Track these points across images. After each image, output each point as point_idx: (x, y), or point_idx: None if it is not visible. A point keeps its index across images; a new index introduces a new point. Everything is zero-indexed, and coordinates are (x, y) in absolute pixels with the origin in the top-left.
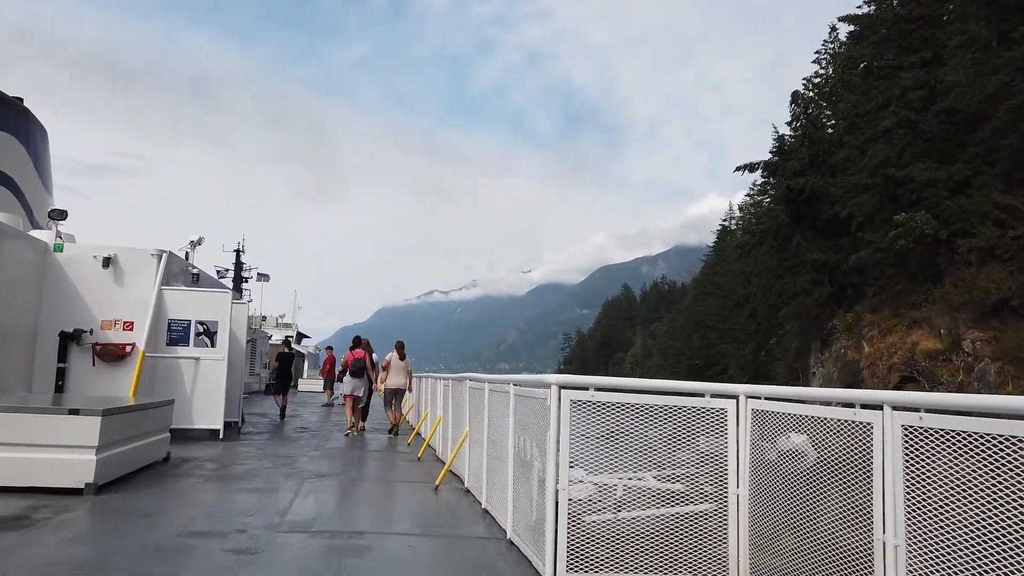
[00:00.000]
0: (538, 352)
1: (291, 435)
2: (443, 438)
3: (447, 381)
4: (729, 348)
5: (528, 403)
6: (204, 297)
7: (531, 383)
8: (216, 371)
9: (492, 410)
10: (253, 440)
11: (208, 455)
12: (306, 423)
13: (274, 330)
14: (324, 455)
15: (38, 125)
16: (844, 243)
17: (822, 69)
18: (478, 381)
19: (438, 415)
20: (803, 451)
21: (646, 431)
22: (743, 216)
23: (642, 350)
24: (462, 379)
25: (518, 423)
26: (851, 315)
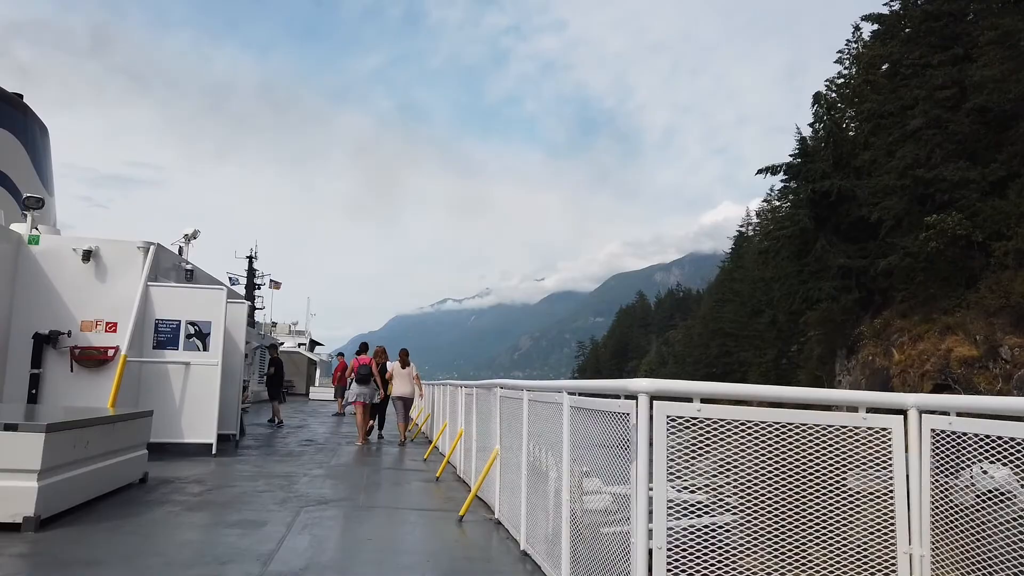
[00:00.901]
0: (552, 360)
1: (295, 449)
2: (465, 454)
3: (470, 389)
4: (748, 355)
5: (589, 419)
6: (196, 294)
7: (599, 391)
8: (209, 378)
9: (535, 426)
10: (251, 455)
11: (194, 475)
12: (313, 434)
13: (287, 337)
14: (329, 474)
15: (37, 122)
16: (871, 247)
17: (845, 69)
18: (512, 389)
19: (459, 428)
20: (1010, 491)
21: (769, 463)
22: (761, 222)
23: (657, 358)
24: (489, 387)
25: (576, 444)
26: (879, 321)
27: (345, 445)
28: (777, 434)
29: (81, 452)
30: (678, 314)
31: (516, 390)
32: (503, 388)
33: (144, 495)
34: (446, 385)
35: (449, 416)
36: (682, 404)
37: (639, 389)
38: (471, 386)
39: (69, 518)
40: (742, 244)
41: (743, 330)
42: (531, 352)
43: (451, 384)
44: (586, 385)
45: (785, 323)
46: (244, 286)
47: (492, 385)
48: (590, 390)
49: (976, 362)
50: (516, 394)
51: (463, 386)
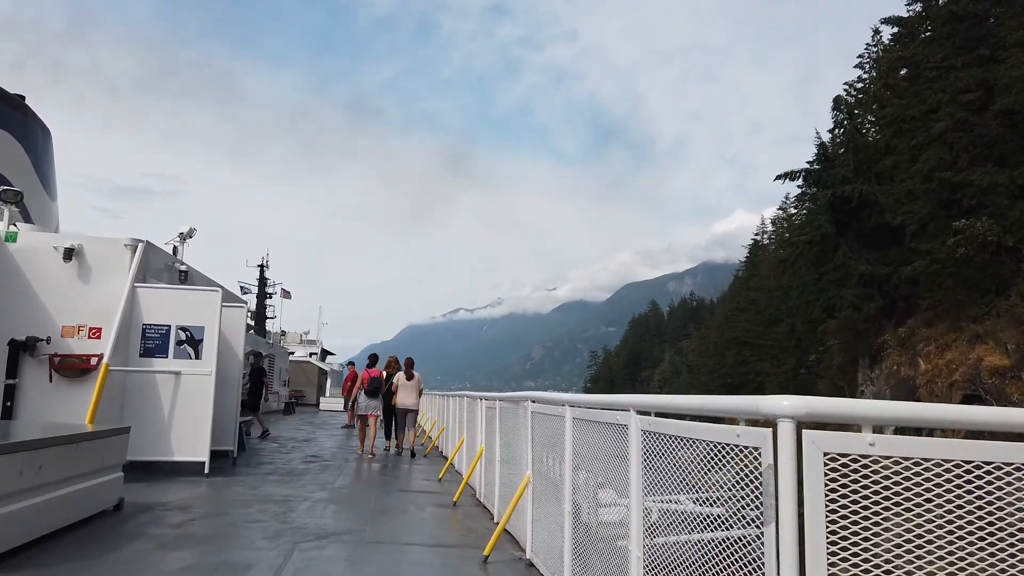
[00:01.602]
0: (564, 369)
1: (297, 467)
2: (486, 477)
3: (491, 402)
4: (765, 365)
5: (671, 448)
6: (187, 297)
7: (701, 410)
8: (202, 389)
9: (583, 450)
10: (248, 475)
11: (180, 499)
12: (320, 449)
13: (297, 347)
14: (332, 497)
15: (39, 124)
16: (893, 254)
17: (865, 73)
18: (549, 404)
19: (478, 445)
20: None
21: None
22: (776, 230)
23: (670, 367)
24: (518, 400)
25: (652, 484)
26: (904, 329)
27: (352, 462)
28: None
29: (31, 479)
30: (691, 324)
31: (554, 405)
32: (536, 402)
33: (115, 526)
34: (463, 396)
35: (467, 431)
36: (846, 436)
37: (780, 412)
38: (493, 399)
39: (15, 560)
40: (757, 252)
41: (759, 339)
42: (543, 362)
43: (468, 395)
44: (672, 404)
45: (804, 332)
46: (255, 295)
47: (522, 399)
48: (679, 409)
49: (1008, 372)
50: (555, 410)
51: (483, 398)
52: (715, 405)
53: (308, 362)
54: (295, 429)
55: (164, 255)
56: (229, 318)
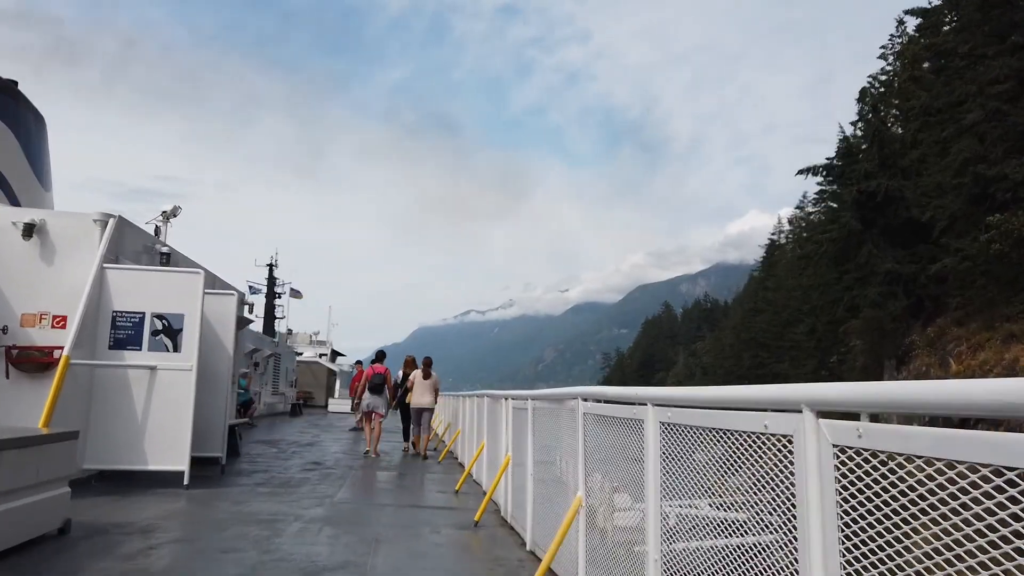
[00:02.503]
0: (576, 372)
1: (295, 475)
2: (513, 492)
3: (521, 403)
4: (784, 367)
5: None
6: (164, 280)
7: None
8: (181, 386)
9: (677, 470)
10: (236, 486)
11: (145, 519)
12: (323, 454)
13: (307, 347)
14: (329, 516)
15: (32, 111)
16: (921, 251)
17: (889, 65)
18: (616, 403)
19: (503, 453)
20: None
21: None
22: (794, 229)
23: (684, 369)
24: (561, 399)
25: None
26: (933, 329)
27: (358, 469)
28: None
29: None
30: (705, 325)
31: (625, 404)
32: (591, 401)
33: (50, 557)
34: (483, 396)
35: (488, 436)
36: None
37: None
38: (523, 398)
39: None
40: (774, 252)
41: (777, 340)
42: (555, 364)
43: (489, 395)
44: None
45: (824, 333)
46: (264, 295)
47: (567, 396)
48: None
49: None
50: (624, 411)
51: (509, 397)
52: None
53: (317, 362)
54: (299, 432)
55: (142, 234)
56: (218, 307)
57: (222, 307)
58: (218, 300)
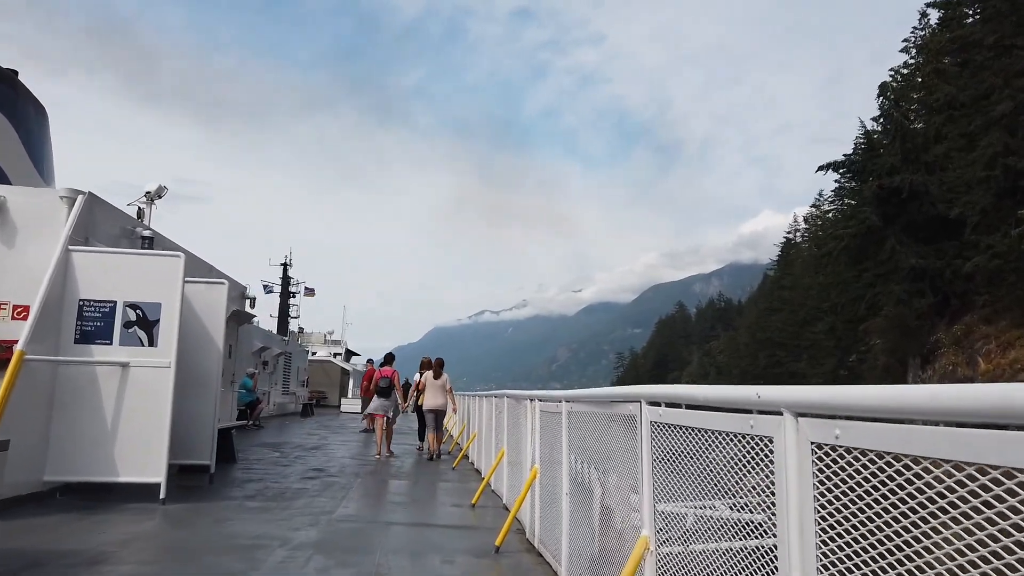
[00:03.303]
0: (589, 371)
1: (292, 485)
2: (542, 512)
3: (553, 406)
4: (802, 366)
5: None
6: (138, 264)
7: None
8: (158, 385)
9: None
10: (222, 499)
11: (99, 545)
12: (328, 459)
13: (321, 346)
14: (322, 540)
15: (32, 101)
16: (946, 247)
17: (911, 59)
18: (725, 409)
19: (529, 464)
20: None
21: None
22: (810, 227)
23: (699, 369)
24: (612, 400)
25: None
26: (959, 327)
27: (365, 477)
28: None
29: None
30: (719, 325)
31: (737, 412)
32: (660, 405)
33: None
34: (503, 396)
35: (509, 443)
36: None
37: None
38: (554, 399)
39: None
40: (790, 251)
41: (794, 339)
42: (568, 364)
43: (511, 395)
44: None
45: (844, 331)
46: (279, 294)
47: (622, 398)
48: None
49: None
50: (742, 425)
51: (535, 398)
52: None
53: (330, 362)
54: (307, 434)
55: (120, 216)
56: (205, 298)
57: (211, 297)
58: (206, 289)
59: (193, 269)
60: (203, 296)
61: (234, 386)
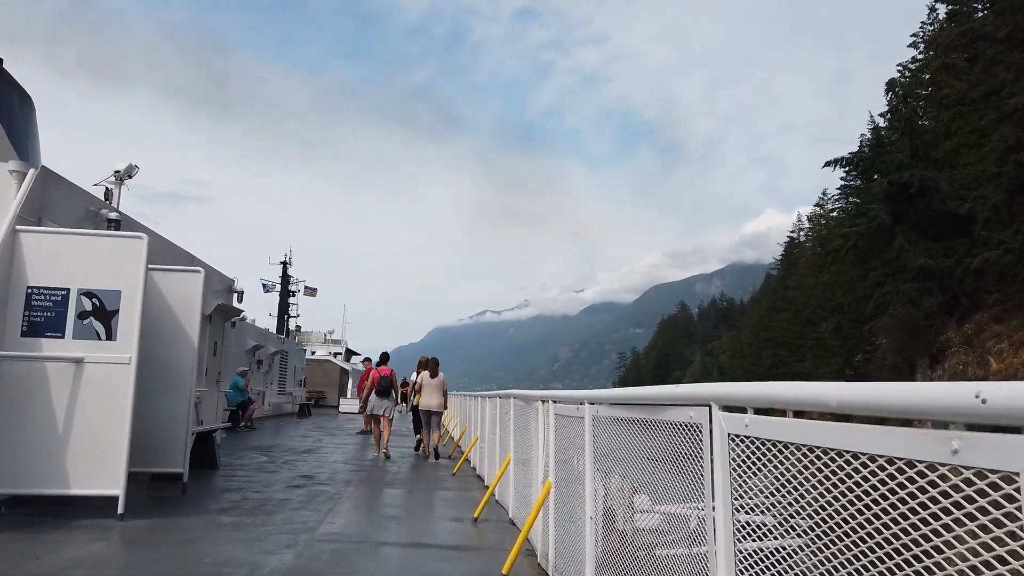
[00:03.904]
0: (591, 371)
1: (275, 495)
2: (557, 534)
3: (575, 408)
4: (806, 366)
5: None
6: (94, 247)
7: None
8: (116, 384)
9: None
10: (193, 514)
11: (28, 575)
12: (319, 465)
13: (321, 346)
14: (300, 561)
15: (17, 90)
16: (956, 244)
17: (920, 54)
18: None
19: (542, 477)
20: None
21: None
22: (814, 227)
23: (701, 368)
24: (662, 401)
25: None
26: (970, 326)
27: (356, 485)
28: None
29: None
30: (722, 324)
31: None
32: (731, 411)
33: None
34: (509, 397)
35: (516, 450)
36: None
37: None
38: (574, 400)
39: None
40: (793, 251)
41: (798, 339)
42: (570, 364)
43: (519, 396)
44: None
45: (850, 331)
46: (278, 293)
47: (675, 401)
48: None
49: None
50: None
51: (548, 399)
52: None
53: (329, 361)
54: (300, 436)
55: (82, 196)
56: (179, 287)
57: (185, 287)
58: (179, 278)
59: (165, 255)
60: (176, 285)
61: (221, 386)
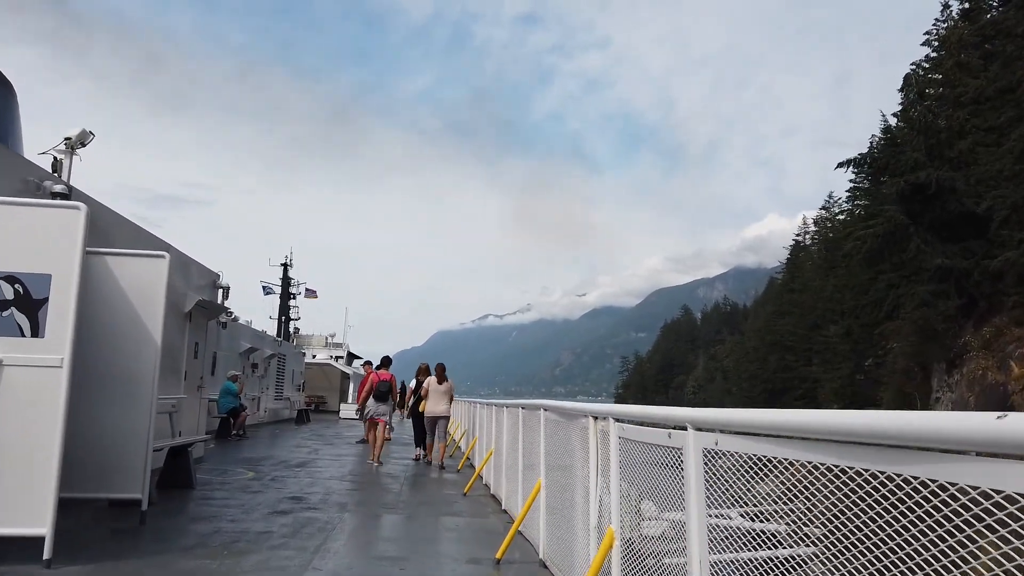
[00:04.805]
0: (593, 375)
1: (254, 524)
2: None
3: (663, 434)
4: (815, 371)
5: None
6: (16, 219)
7: None
8: (43, 392)
9: None
10: (146, 554)
11: None
12: (312, 482)
13: (321, 349)
14: None
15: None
16: (975, 245)
17: (934, 52)
18: None
19: (598, 521)
20: None
21: None
22: (820, 229)
23: (705, 373)
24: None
25: None
26: (989, 329)
27: (354, 508)
28: None
29: None
30: (725, 329)
31: None
32: None
33: None
34: (539, 409)
35: (547, 476)
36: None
37: None
38: (662, 424)
39: None
40: (799, 254)
41: (804, 343)
42: (572, 368)
43: (553, 409)
44: None
45: (860, 335)
46: (279, 295)
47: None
48: None
49: None
50: None
51: (605, 415)
52: None
53: (330, 365)
54: (295, 446)
55: (19, 163)
56: (136, 275)
57: (144, 274)
58: (138, 264)
59: (118, 235)
60: (134, 273)
61: (202, 392)
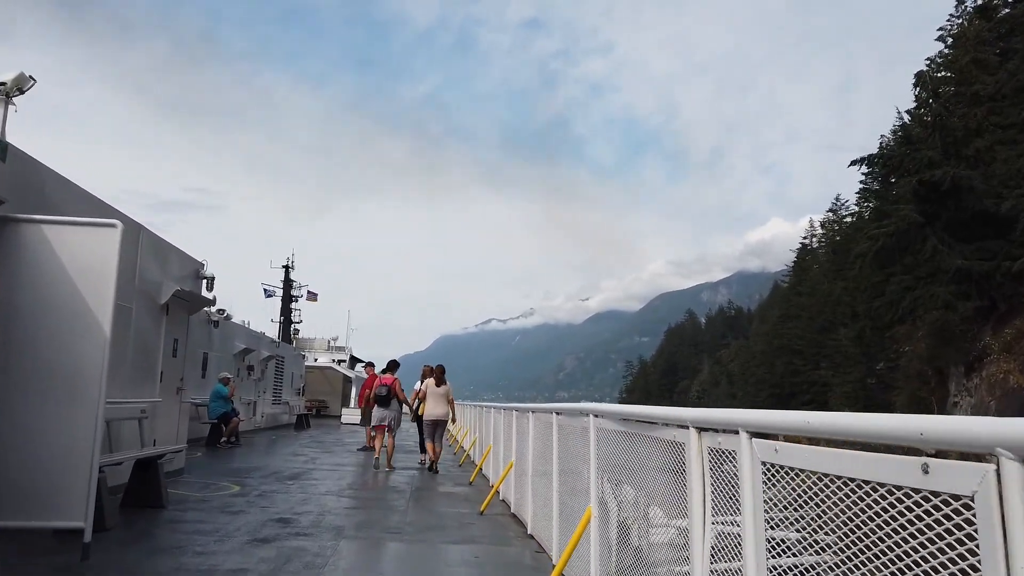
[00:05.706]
0: (597, 380)
1: (227, 558)
2: None
3: (767, 451)
4: (824, 374)
5: None
6: None
7: None
8: None
9: None
10: None
11: None
12: (304, 499)
13: (324, 353)
14: None
15: None
16: (992, 245)
17: (948, 49)
18: None
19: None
20: None
21: None
22: (826, 232)
23: (710, 377)
24: None
25: None
26: (1010, 331)
27: (349, 536)
28: None
29: None
30: (730, 333)
31: None
32: None
33: None
34: (588, 415)
35: (596, 499)
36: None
37: None
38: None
39: None
40: (805, 257)
41: (812, 347)
42: (576, 372)
43: (605, 413)
44: None
45: (871, 338)
46: (280, 298)
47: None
48: None
49: None
50: None
51: (685, 424)
52: None
53: (332, 368)
54: (292, 454)
55: None
56: (79, 250)
57: (88, 249)
58: (79, 235)
59: (60, 201)
60: (75, 247)
61: (183, 395)
